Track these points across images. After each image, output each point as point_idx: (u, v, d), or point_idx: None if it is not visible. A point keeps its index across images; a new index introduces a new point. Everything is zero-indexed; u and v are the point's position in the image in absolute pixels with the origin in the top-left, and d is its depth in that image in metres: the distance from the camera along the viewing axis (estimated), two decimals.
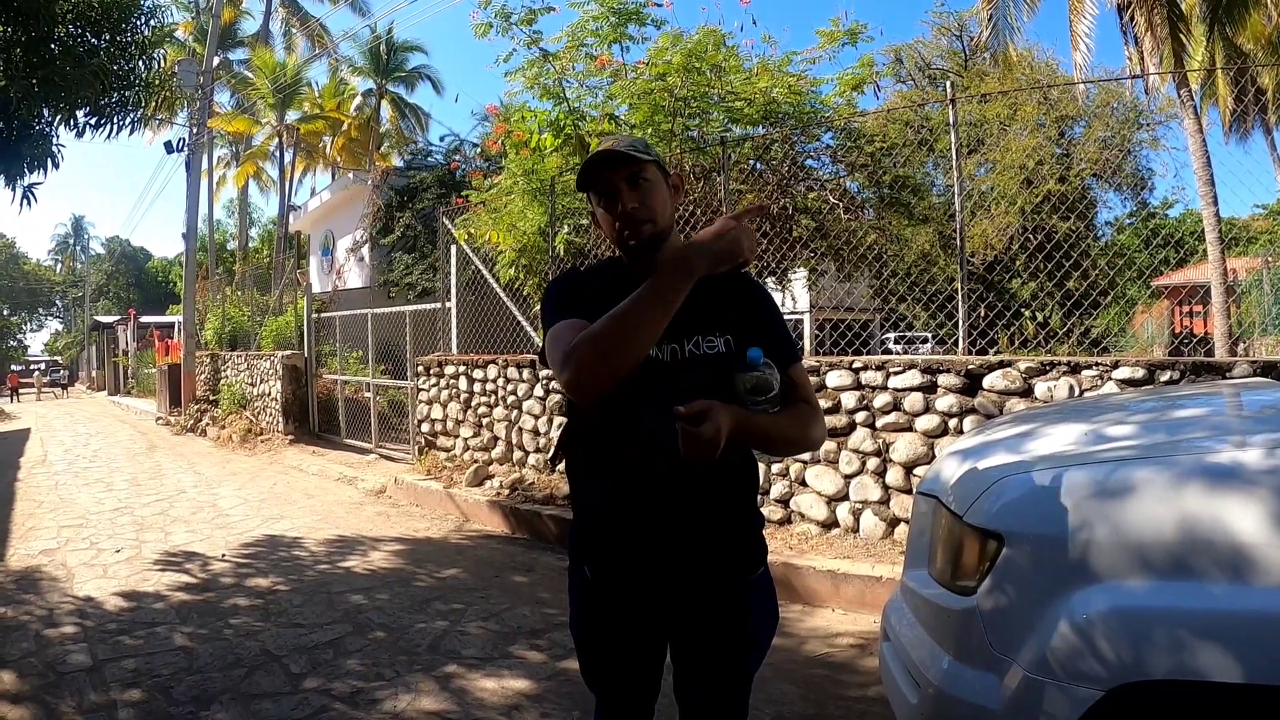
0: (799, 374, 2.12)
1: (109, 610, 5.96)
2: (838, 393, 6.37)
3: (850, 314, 8.26)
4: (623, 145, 2.03)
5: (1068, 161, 13.88)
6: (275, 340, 17.92)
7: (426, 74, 38.77)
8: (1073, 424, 2.79)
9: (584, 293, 2.09)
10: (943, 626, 2.44)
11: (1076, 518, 2.17)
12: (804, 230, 8.89)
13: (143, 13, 7.93)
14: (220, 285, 24.64)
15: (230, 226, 51.67)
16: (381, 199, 21.21)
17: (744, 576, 2.15)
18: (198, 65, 21.31)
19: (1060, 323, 8.40)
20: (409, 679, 4.55)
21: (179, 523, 9.01)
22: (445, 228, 11.34)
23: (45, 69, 7.24)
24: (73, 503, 10.47)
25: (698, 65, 8.22)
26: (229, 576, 6.80)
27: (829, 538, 6.25)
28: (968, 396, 5.72)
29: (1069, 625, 2.08)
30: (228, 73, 36.40)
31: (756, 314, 2.11)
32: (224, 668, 4.78)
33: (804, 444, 2.15)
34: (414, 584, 6.47)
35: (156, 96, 8.56)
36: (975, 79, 18.34)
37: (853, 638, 4.94)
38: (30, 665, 4.91)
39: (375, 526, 8.64)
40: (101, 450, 16.70)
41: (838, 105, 9.02)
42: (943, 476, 2.69)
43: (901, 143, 9.14)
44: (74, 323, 76.38)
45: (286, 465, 13.37)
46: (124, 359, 40.22)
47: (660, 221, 2.05)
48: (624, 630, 2.17)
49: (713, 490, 2.05)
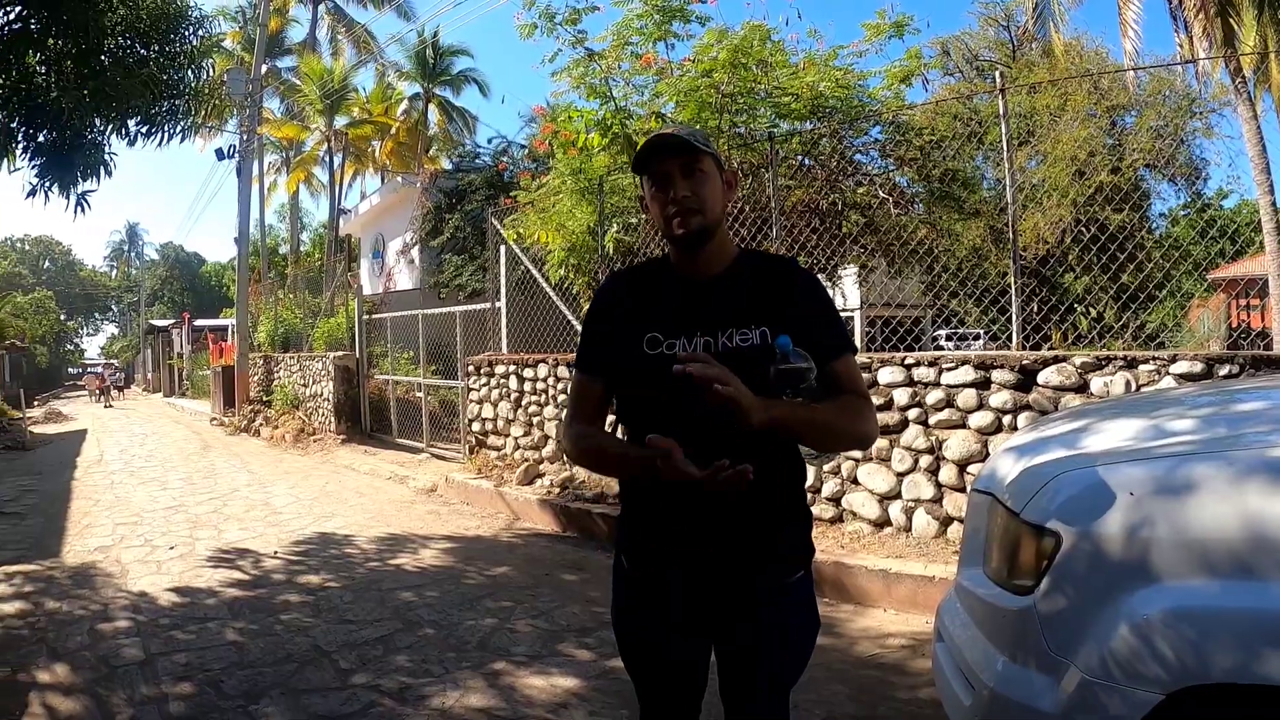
0: (847, 366, 2.05)
1: (162, 605, 6.07)
2: (890, 389, 6.30)
3: (901, 310, 8.18)
4: (683, 133, 2.03)
5: (1120, 152, 13.62)
6: (327, 342, 18.12)
7: (473, 77, 38.95)
8: (1130, 419, 2.73)
9: (621, 308, 2.16)
10: (998, 627, 2.39)
11: (1136, 515, 2.11)
12: (853, 226, 8.82)
13: (190, 23, 8.07)
14: (273, 288, 24.97)
15: (282, 231, 52.29)
16: (430, 201, 21.36)
17: (780, 578, 2.11)
18: (246, 74, 21.61)
19: (1114, 317, 8.25)
20: (457, 676, 4.58)
21: (232, 520, 9.16)
22: (494, 228, 11.41)
23: (96, 80, 7.39)
24: (128, 501, 10.68)
25: (744, 61, 8.17)
26: (280, 573, 6.91)
27: (881, 536, 6.19)
28: (1022, 393, 5.62)
29: (1128, 626, 2.02)
30: (276, 80, 36.93)
31: (798, 303, 2.06)
32: (274, 663, 4.85)
33: (851, 437, 2.08)
34: (464, 581, 6.51)
35: (206, 105, 8.70)
36: (1023, 70, 18.07)
37: (904, 638, 4.88)
38: (84, 659, 5.01)
39: (426, 525, 8.71)
40: (157, 450, 17.05)
41: (885, 98, 8.93)
42: (998, 473, 2.64)
43: (951, 135, 9.03)
44: (129, 326, 77.95)
45: (339, 464, 13.53)
46: (178, 361, 41.03)
47: (710, 215, 2.03)
48: (655, 623, 2.17)
49: (745, 502, 1.97)
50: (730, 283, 2.09)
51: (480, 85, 39.38)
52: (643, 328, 2.09)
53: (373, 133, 36.04)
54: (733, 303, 2.04)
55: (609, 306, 2.21)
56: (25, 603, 6.23)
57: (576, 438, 2.17)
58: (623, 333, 2.11)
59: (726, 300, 2.05)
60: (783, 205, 7.90)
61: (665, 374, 1.84)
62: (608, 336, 2.16)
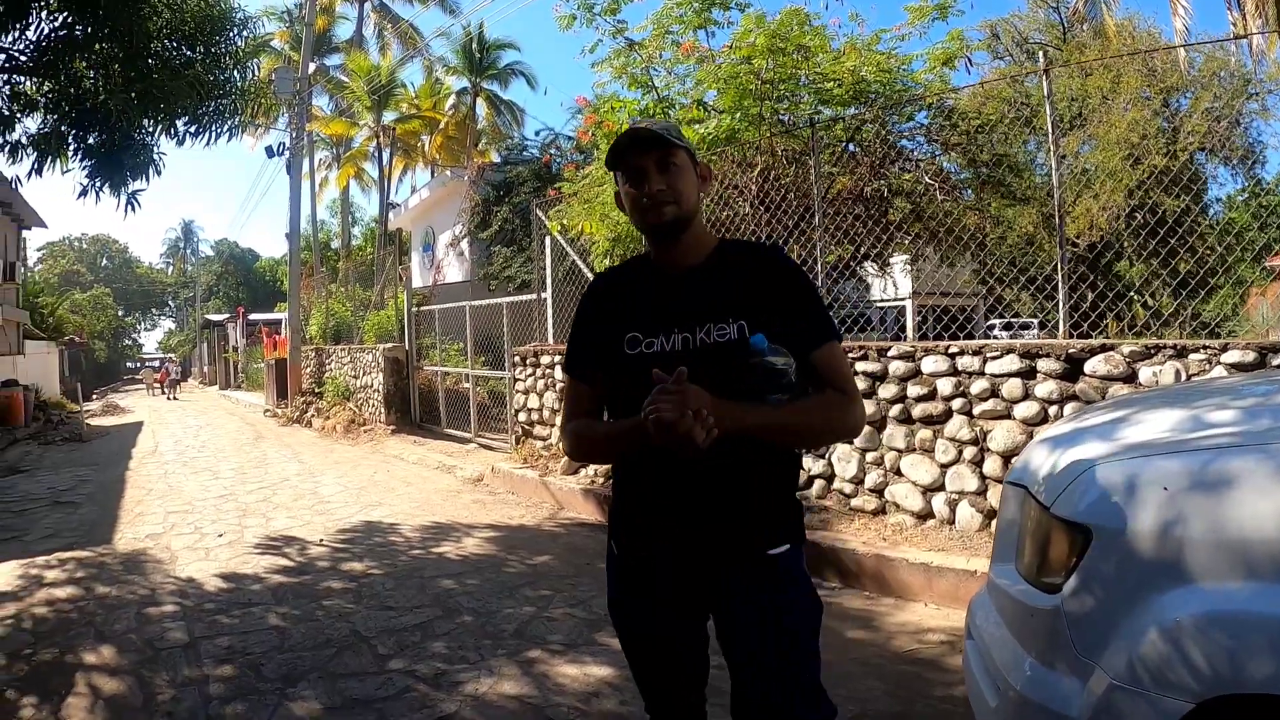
0: (830, 355, 2.04)
1: (208, 591, 6.22)
2: (933, 379, 6.19)
3: (953, 300, 8.05)
4: (657, 127, 2.06)
5: (1174, 135, 13.31)
6: (377, 334, 18.31)
7: (520, 70, 39.03)
8: (1172, 409, 2.58)
9: (603, 309, 2.21)
10: (1027, 625, 2.31)
11: (1170, 511, 2.00)
12: (900, 213, 8.70)
13: (235, 24, 8.18)
14: (324, 282, 25.29)
15: (334, 226, 53.02)
16: (479, 194, 21.44)
17: (762, 550, 2.05)
18: (294, 73, 21.87)
19: (1171, 307, 8.05)
20: (492, 663, 4.61)
21: (280, 509, 9.33)
22: (538, 219, 11.44)
23: (143, 82, 7.53)
24: (180, 490, 10.92)
25: (782, 46, 8.07)
26: (325, 560, 7.02)
27: (924, 529, 6.08)
28: (1068, 382, 5.47)
29: (1159, 629, 1.92)
30: (324, 78, 37.36)
31: (778, 293, 2.05)
32: (314, 647, 4.94)
33: (824, 434, 2.13)
34: (505, 570, 6.55)
35: (252, 104, 8.82)
36: (1074, 52, 17.71)
37: (944, 634, 4.77)
38: (130, 641, 5.16)
39: (470, 513, 8.77)
40: (210, 441, 17.41)
41: (929, 82, 8.78)
42: (1031, 465, 2.54)
43: (999, 119, 8.86)
44: (186, 321, 79.49)
45: (387, 454, 13.67)
46: (234, 355, 41.71)
47: (684, 206, 2.05)
48: (645, 609, 2.18)
49: (727, 475, 1.99)
50: (707, 275, 2.10)
51: (528, 78, 39.53)
52: (624, 327, 2.12)
53: (421, 127, 36.31)
54: (710, 296, 2.05)
55: (591, 308, 2.25)
56: (76, 588, 6.42)
57: (570, 434, 2.23)
58: (605, 334, 2.15)
59: (704, 293, 2.06)
60: (826, 193, 7.81)
61: (646, 374, 1.88)
62: (591, 339, 2.21)
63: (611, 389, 2.15)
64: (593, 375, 2.19)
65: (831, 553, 5.89)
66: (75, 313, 53.65)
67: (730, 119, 8.34)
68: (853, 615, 5.17)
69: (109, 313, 68.83)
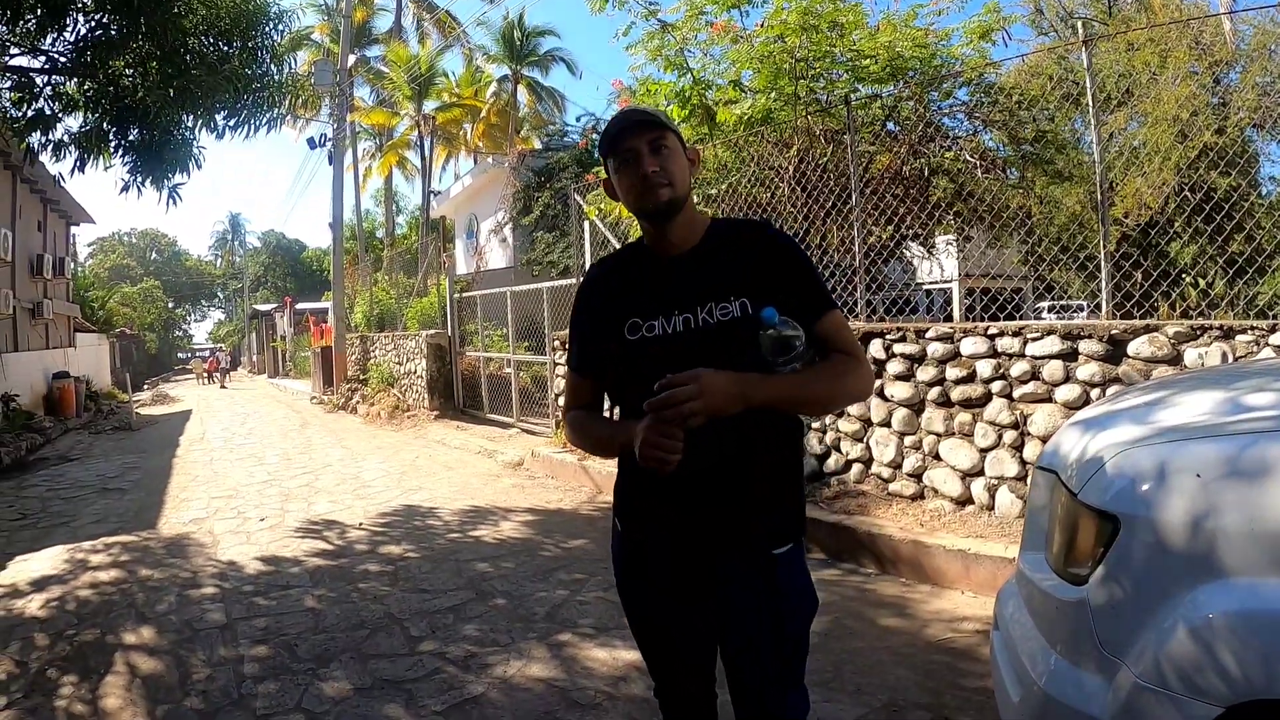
0: (833, 323, 2.05)
1: (248, 574, 6.34)
2: (973, 361, 6.06)
3: (1000, 281, 7.87)
4: (647, 111, 2.09)
5: (1224, 111, 12.95)
6: (420, 321, 18.42)
7: (560, 56, 39.01)
8: (1210, 391, 2.43)
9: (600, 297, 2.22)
10: (1052, 618, 2.22)
11: (1202, 500, 1.89)
12: (942, 193, 8.54)
13: (271, 19, 8.24)
14: (369, 271, 25.46)
15: (379, 215, 53.41)
16: (520, 180, 21.45)
17: (765, 549, 2.07)
18: (333, 65, 21.98)
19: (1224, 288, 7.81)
20: (522, 646, 4.65)
21: (322, 494, 9.45)
22: (576, 204, 11.39)
23: (181, 78, 7.63)
24: (225, 476, 11.10)
25: (815, 23, 7.95)
26: (363, 544, 7.11)
27: (962, 515, 5.95)
28: (1111, 364, 5.31)
29: (1188, 627, 1.81)
30: (365, 69, 37.60)
31: (775, 268, 2.05)
32: (348, 629, 5.02)
33: (838, 397, 2.11)
34: (540, 554, 6.58)
35: (291, 96, 8.89)
36: (1120, 26, 17.31)
37: (979, 623, 4.66)
38: (169, 622, 5.29)
39: (509, 498, 8.82)
40: (257, 428, 17.71)
41: (967, 57, 8.61)
42: (1062, 449, 2.43)
43: (1042, 94, 8.67)
44: (235, 312, 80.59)
45: (430, 440, 13.79)
46: (281, 344, 42.31)
47: (678, 188, 2.05)
48: (641, 592, 2.22)
49: (729, 462, 1.99)
50: (704, 256, 2.10)
51: (568, 64, 39.58)
52: (623, 313, 2.12)
53: (463, 115, 36.38)
54: (709, 276, 2.06)
55: (589, 298, 2.27)
56: (121, 571, 6.57)
57: (570, 423, 2.27)
58: (604, 323, 2.15)
59: (702, 274, 2.07)
60: (864, 172, 7.68)
61: (647, 359, 1.97)
62: (590, 330, 2.23)
63: (615, 375, 2.17)
64: (592, 364, 2.22)
65: (868, 538, 5.81)
66: (125, 306, 54.69)
67: (766, 99, 8.23)
68: (887, 603, 5.09)
69: (159, 305, 69.92)
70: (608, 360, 2.15)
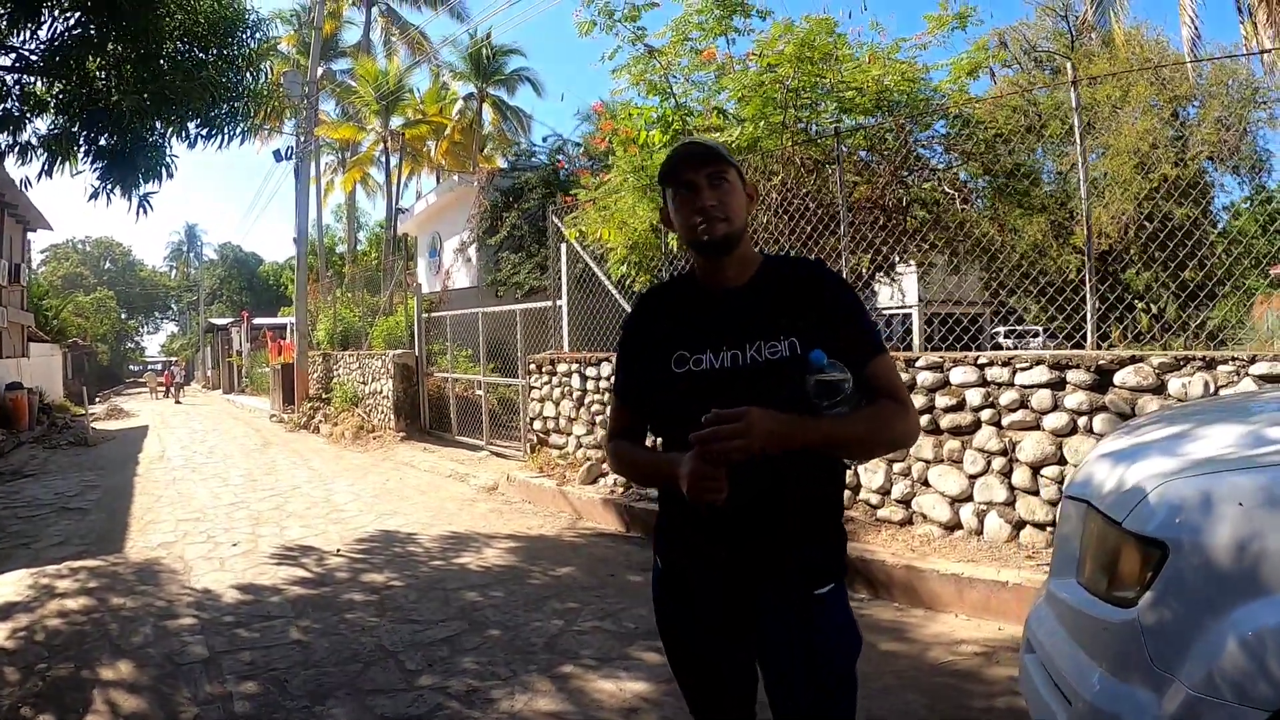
0: (881, 367, 2.02)
1: (226, 603, 6.15)
2: (962, 389, 6.19)
3: (960, 308, 8.01)
4: (710, 145, 2.09)
5: (1183, 144, 13.30)
6: (386, 340, 18.29)
7: (526, 76, 39.34)
8: (1228, 424, 2.64)
9: (648, 328, 2.22)
10: (1096, 639, 2.33)
11: (1246, 526, 2.05)
12: (917, 222, 8.68)
13: (248, 27, 8.19)
14: (331, 287, 25.29)
15: (339, 230, 53.09)
16: (488, 200, 21.45)
17: (807, 588, 2.05)
18: (301, 76, 21.88)
19: (1175, 315, 8.01)
20: (525, 679, 4.56)
21: (294, 518, 9.29)
22: (555, 226, 11.42)
23: (156, 83, 7.53)
24: (190, 497, 10.90)
25: (810, 55, 8.08)
26: (344, 571, 6.96)
27: (952, 540, 6.07)
28: (1098, 393, 5.46)
29: (1238, 640, 1.95)
30: (331, 82, 37.46)
31: (826, 310, 2.03)
32: (339, 662, 4.87)
33: (883, 442, 2.06)
34: (528, 582, 6.50)
35: (264, 107, 8.83)
36: (1083, 61, 17.71)
37: (977, 645, 4.76)
38: (148, 655, 5.08)
39: (488, 523, 8.73)
40: (218, 446, 17.41)
41: (950, 92, 8.79)
42: (1095, 480, 2.57)
43: (1015, 129, 8.87)
44: (189, 325, 79.52)
45: (398, 461, 13.64)
46: (237, 359, 41.73)
47: (735, 223, 2.05)
48: (684, 620, 2.18)
49: (771, 499, 1.99)
50: (756, 292, 2.09)
51: (534, 84, 39.83)
52: (671, 346, 2.11)
53: (428, 133, 36.36)
54: (759, 313, 2.05)
55: (637, 329, 2.26)
56: (90, 598, 6.35)
57: (613, 452, 2.27)
58: (651, 354, 2.14)
59: (752, 311, 2.06)
60: (848, 201, 7.80)
61: (693, 393, 1.98)
62: (637, 361, 2.22)
63: (658, 407, 2.16)
64: (639, 396, 2.22)
65: (860, 563, 5.87)
66: (79, 315, 53.74)
67: (753, 127, 8.33)
68: (885, 627, 5.16)
69: (112, 316, 68.92)
70: (653, 390, 2.13)
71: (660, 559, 2.25)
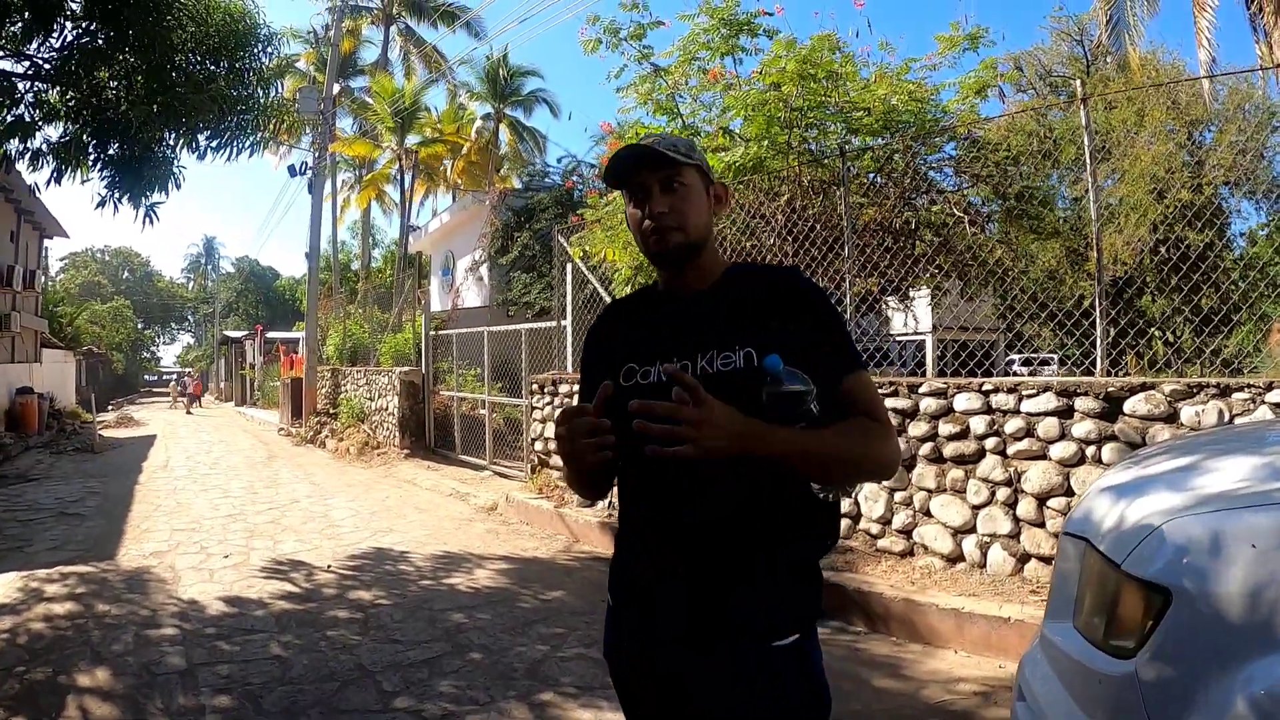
0: (859, 384, 1.79)
1: (210, 615, 6.08)
2: (966, 417, 6.01)
3: (973, 334, 7.85)
4: (662, 145, 1.84)
5: (1199, 170, 13.13)
6: (394, 357, 18.23)
7: (543, 97, 39.32)
8: (1241, 457, 2.40)
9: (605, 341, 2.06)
10: (1091, 691, 2.12)
11: (1261, 571, 1.83)
12: (927, 246, 8.53)
13: (259, 41, 8.17)
14: (343, 303, 25.30)
15: (355, 247, 53.32)
16: (500, 219, 21.41)
17: (762, 640, 1.75)
18: (318, 93, 21.95)
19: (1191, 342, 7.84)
20: (502, 705, 4.45)
21: (289, 531, 9.19)
22: (560, 246, 11.30)
23: (166, 94, 7.52)
24: (188, 507, 10.81)
25: (812, 72, 7.96)
26: (332, 588, 6.87)
27: (953, 573, 5.86)
28: (1107, 422, 5.27)
29: (1246, 701, 1.72)
30: (349, 99, 37.64)
31: (798, 318, 1.80)
32: (317, 680, 4.79)
33: (859, 461, 1.74)
34: (517, 605, 6.37)
35: (275, 121, 8.80)
36: (1098, 85, 17.58)
37: (976, 684, 4.56)
38: (126, 664, 5.05)
39: (484, 544, 8.60)
40: (222, 458, 17.35)
41: (960, 112, 8.65)
42: (1094, 516, 2.35)
43: (1027, 152, 8.71)
44: (204, 337, 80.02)
45: (400, 479, 13.52)
46: (250, 372, 41.88)
47: (692, 233, 1.86)
48: (632, 671, 1.93)
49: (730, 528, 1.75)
50: (712, 301, 1.89)
51: (550, 105, 39.80)
52: (623, 358, 1.93)
53: (444, 152, 36.38)
54: (713, 322, 1.84)
55: (596, 341, 2.11)
56: (76, 604, 6.33)
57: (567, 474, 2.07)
58: (606, 367, 1.95)
59: (706, 320, 1.85)
60: (855, 224, 7.65)
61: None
62: (595, 373, 1.99)
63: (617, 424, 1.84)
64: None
65: (858, 595, 5.68)
66: (95, 323, 54.04)
67: (757, 147, 8.21)
68: (880, 662, 4.97)
69: (128, 325, 69.16)
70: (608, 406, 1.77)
71: (612, 596, 2.02)
